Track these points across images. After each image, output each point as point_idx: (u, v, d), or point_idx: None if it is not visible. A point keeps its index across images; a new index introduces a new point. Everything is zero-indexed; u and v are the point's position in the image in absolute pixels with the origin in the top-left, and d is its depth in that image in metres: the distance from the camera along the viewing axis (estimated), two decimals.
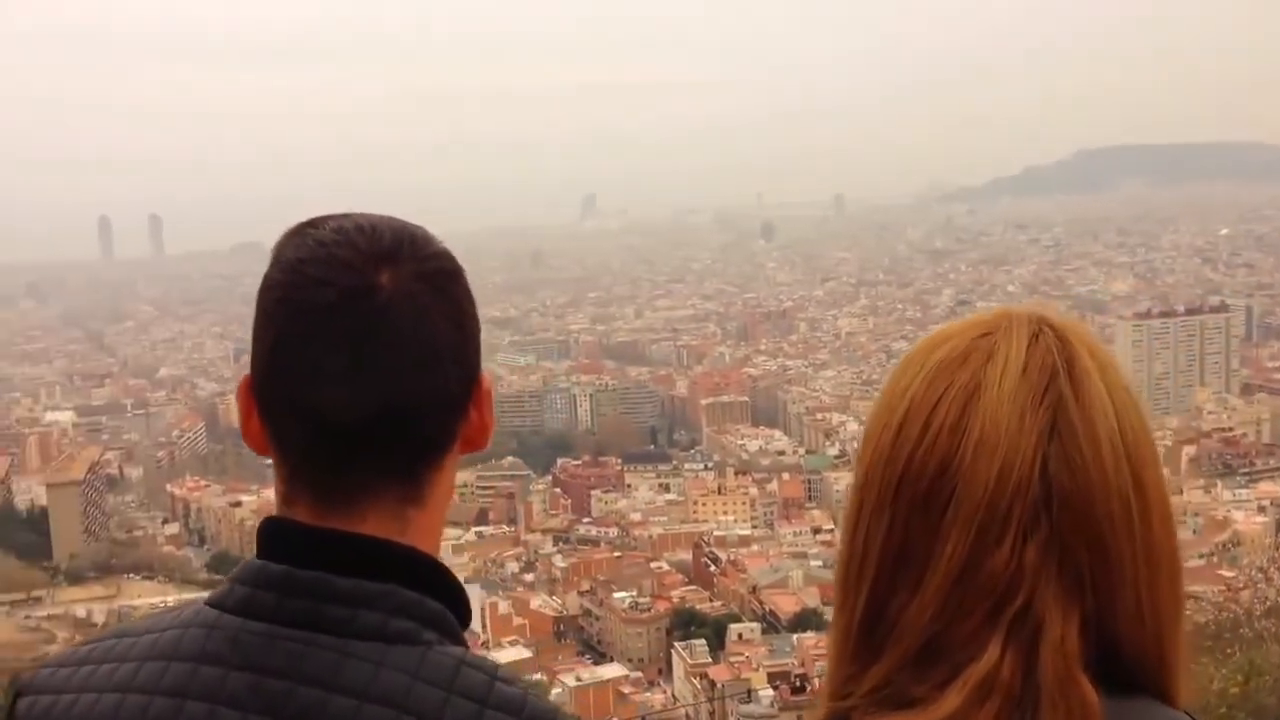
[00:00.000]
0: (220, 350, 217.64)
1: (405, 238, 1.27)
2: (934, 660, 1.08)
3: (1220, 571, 67.70)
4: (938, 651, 1.07)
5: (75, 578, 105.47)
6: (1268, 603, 15.49)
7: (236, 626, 1.20)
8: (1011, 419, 1.07)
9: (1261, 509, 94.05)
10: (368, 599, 1.19)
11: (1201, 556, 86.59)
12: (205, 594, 1.28)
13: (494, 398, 1.35)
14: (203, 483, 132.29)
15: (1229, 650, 14.00)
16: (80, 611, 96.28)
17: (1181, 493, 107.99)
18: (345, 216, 1.29)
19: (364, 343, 1.19)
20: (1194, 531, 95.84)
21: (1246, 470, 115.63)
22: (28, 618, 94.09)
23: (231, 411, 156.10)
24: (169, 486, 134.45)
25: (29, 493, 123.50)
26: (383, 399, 1.20)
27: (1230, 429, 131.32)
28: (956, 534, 1.07)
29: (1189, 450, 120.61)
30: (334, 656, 1.16)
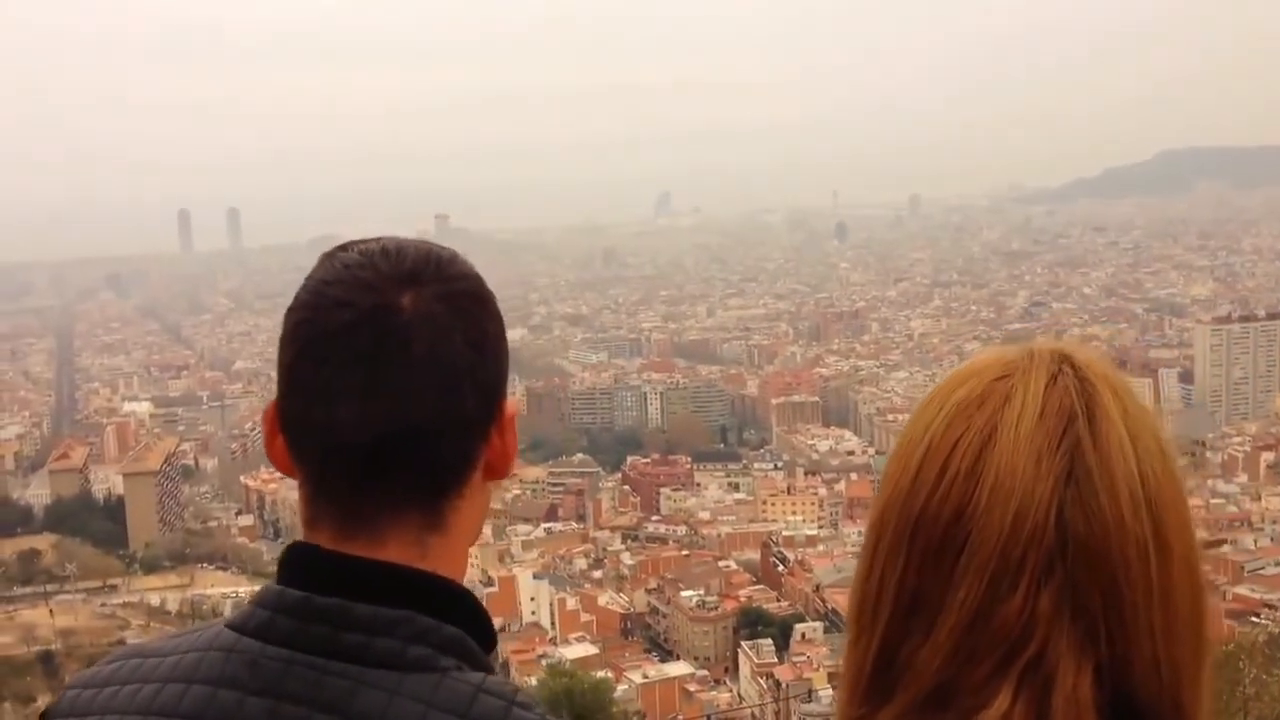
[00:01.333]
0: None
1: (430, 260, 1.27)
2: (944, 706, 1.07)
3: None
4: (948, 697, 1.07)
5: (150, 566, 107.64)
6: None
7: (255, 651, 1.21)
8: (1027, 464, 1.06)
9: None
10: (385, 626, 1.19)
11: (1278, 564, 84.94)
12: (226, 617, 1.29)
13: (517, 425, 1.34)
14: (277, 475, 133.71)
15: None
16: (155, 600, 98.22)
17: (1260, 499, 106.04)
18: (375, 240, 1.30)
19: (381, 363, 1.20)
20: (1271, 539, 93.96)
21: None
22: (104, 605, 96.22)
23: None
24: (243, 478, 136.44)
25: (106, 482, 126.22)
26: (397, 419, 1.21)
27: None
28: (970, 581, 1.06)
29: (1267, 456, 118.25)
30: (349, 684, 1.17)
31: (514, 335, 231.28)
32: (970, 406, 1.12)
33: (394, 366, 1.20)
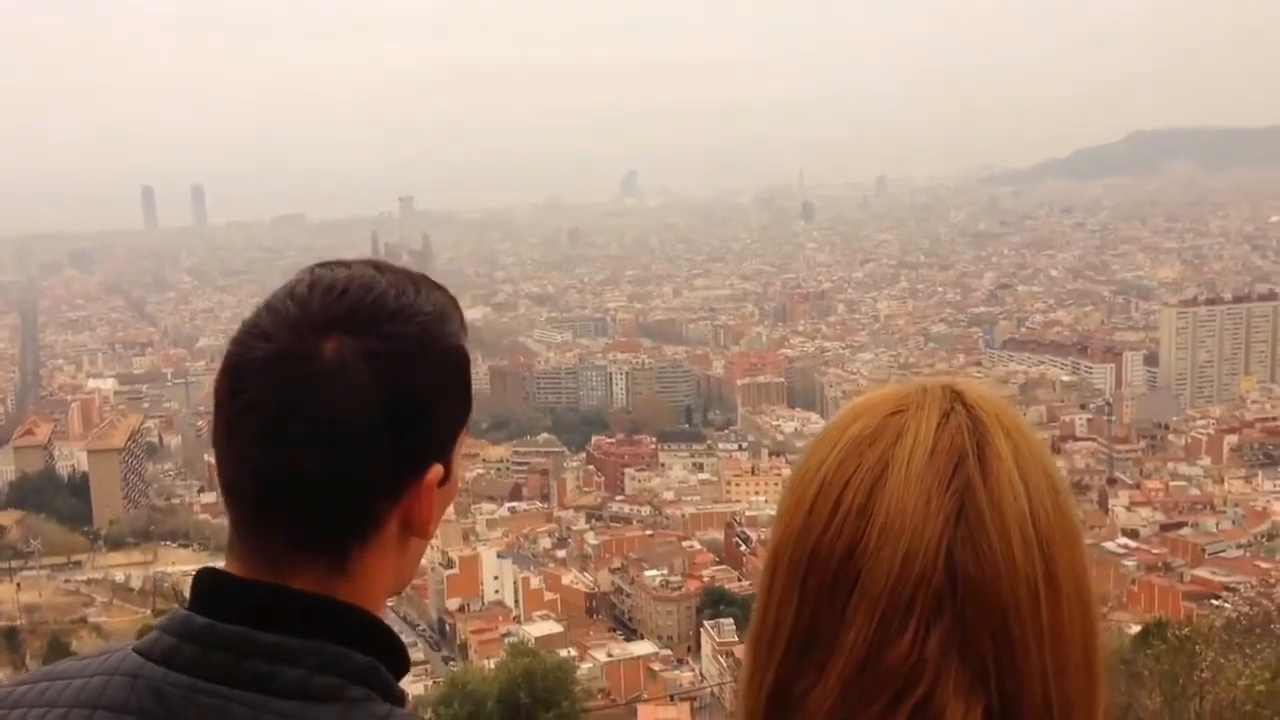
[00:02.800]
0: None
1: (370, 307, 1.22)
2: None
3: (1258, 562, 67.07)
4: None
5: (115, 543, 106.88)
6: None
7: (159, 677, 1.19)
8: (917, 503, 1.06)
9: None
10: (290, 655, 1.17)
11: (1240, 547, 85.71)
12: (133, 642, 1.27)
13: (451, 491, 1.31)
14: None
15: (1259, 646, 13.64)
16: (119, 576, 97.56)
17: (1223, 482, 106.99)
18: (347, 266, 1.28)
19: (285, 409, 1.17)
20: (1233, 522, 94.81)
21: None
22: (68, 581, 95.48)
23: None
24: (207, 456, 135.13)
25: (70, 459, 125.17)
26: (290, 470, 1.18)
27: (1274, 418, 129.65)
28: (860, 621, 1.05)
29: (1230, 439, 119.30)
30: (252, 713, 1.15)
31: (477, 314, 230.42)
32: (863, 443, 1.11)
33: (296, 417, 1.17)
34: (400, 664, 1.27)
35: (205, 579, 1.24)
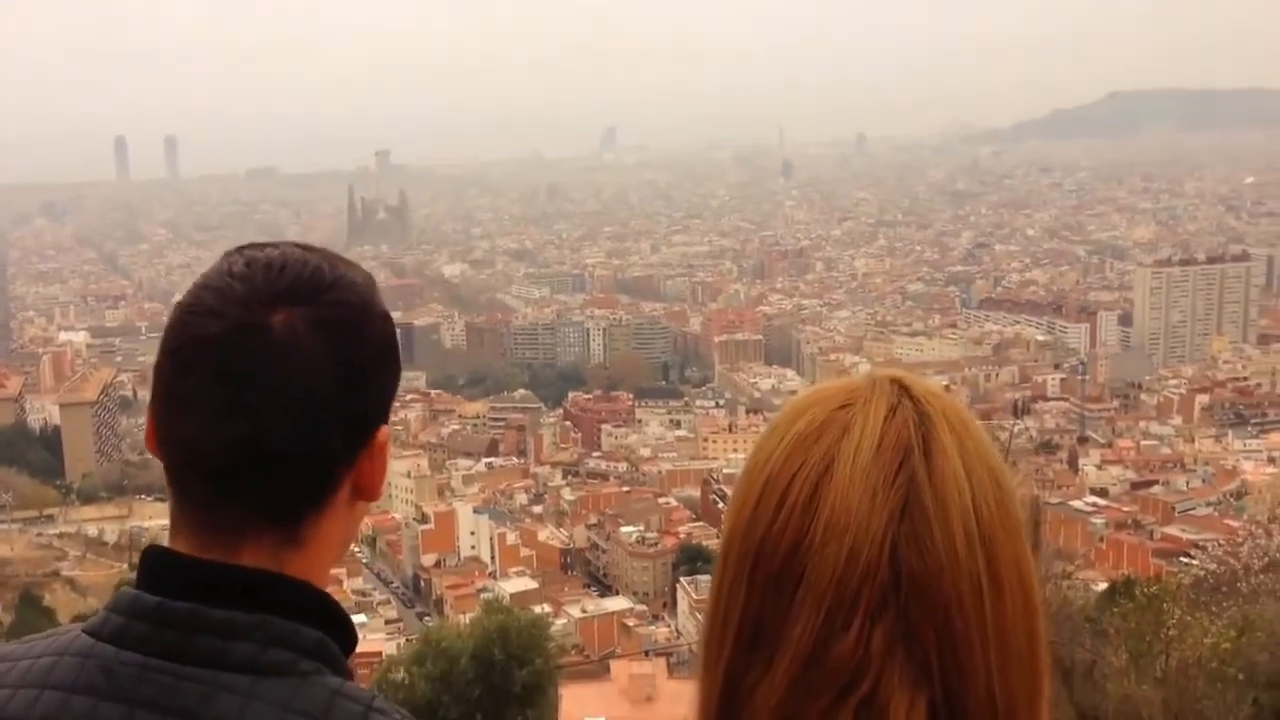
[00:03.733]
0: None
1: (312, 280, 1.25)
2: None
3: (1227, 521, 67.68)
4: None
5: (88, 497, 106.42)
6: (1266, 558, 15.15)
7: (110, 656, 1.20)
8: (862, 499, 1.06)
9: (1272, 460, 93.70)
10: (240, 631, 1.18)
11: (1209, 505, 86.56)
12: (82, 622, 1.28)
13: (388, 451, 1.32)
14: None
15: (1225, 604, 13.77)
16: (92, 530, 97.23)
17: (1193, 441, 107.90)
18: (269, 248, 1.29)
19: (240, 383, 1.19)
20: (1203, 480, 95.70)
21: (1259, 420, 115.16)
22: (40, 535, 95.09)
23: None
24: None
25: (42, 412, 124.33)
26: (250, 443, 1.19)
27: (1245, 379, 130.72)
28: (806, 616, 1.05)
29: (1202, 399, 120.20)
30: (204, 689, 1.16)
31: (455, 270, 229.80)
32: (809, 438, 1.11)
33: (252, 389, 1.19)
34: (348, 638, 1.28)
35: (153, 557, 1.25)
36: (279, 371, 1.20)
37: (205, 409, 1.19)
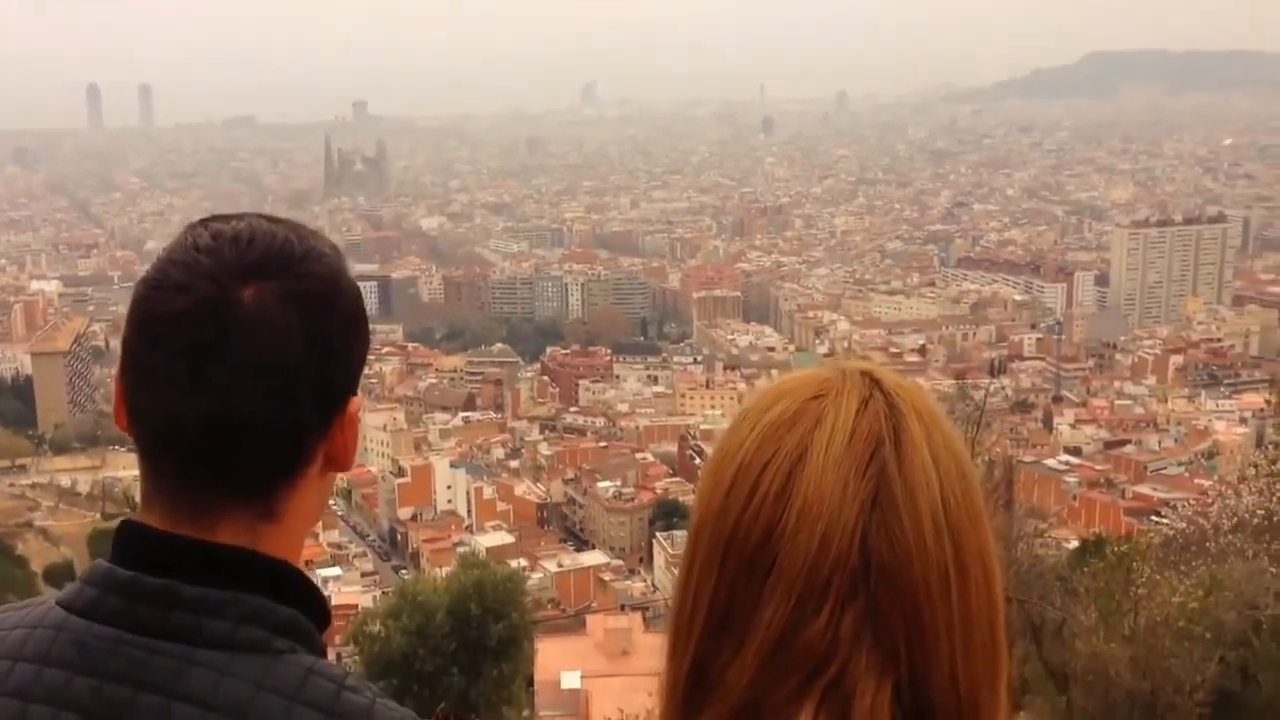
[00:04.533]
0: None
1: (281, 253, 1.24)
2: None
3: (1197, 480, 68.33)
4: (754, 714, 1.09)
5: (60, 447, 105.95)
6: (1235, 518, 15.28)
7: (83, 630, 1.20)
8: (835, 488, 1.08)
9: (1243, 420, 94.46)
10: (215, 607, 1.18)
11: (1180, 465, 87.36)
12: (55, 594, 1.27)
13: (359, 423, 1.32)
14: None
15: (1194, 564, 13.90)
16: (65, 481, 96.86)
17: (1166, 401, 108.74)
18: (235, 220, 1.27)
19: (208, 357, 1.18)
20: (1175, 440, 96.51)
21: (1231, 381, 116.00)
22: (12, 485, 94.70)
23: None
24: None
25: (14, 361, 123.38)
26: (221, 417, 1.19)
27: (1219, 340, 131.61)
28: (777, 601, 1.07)
29: (1176, 360, 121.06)
30: (177, 664, 1.16)
31: (433, 223, 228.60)
32: (782, 427, 1.13)
33: (223, 363, 1.19)
34: (322, 615, 1.28)
35: (127, 532, 1.25)
36: (249, 346, 1.19)
37: (173, 385, 1.19)
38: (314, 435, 1.25)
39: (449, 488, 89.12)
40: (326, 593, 1.26)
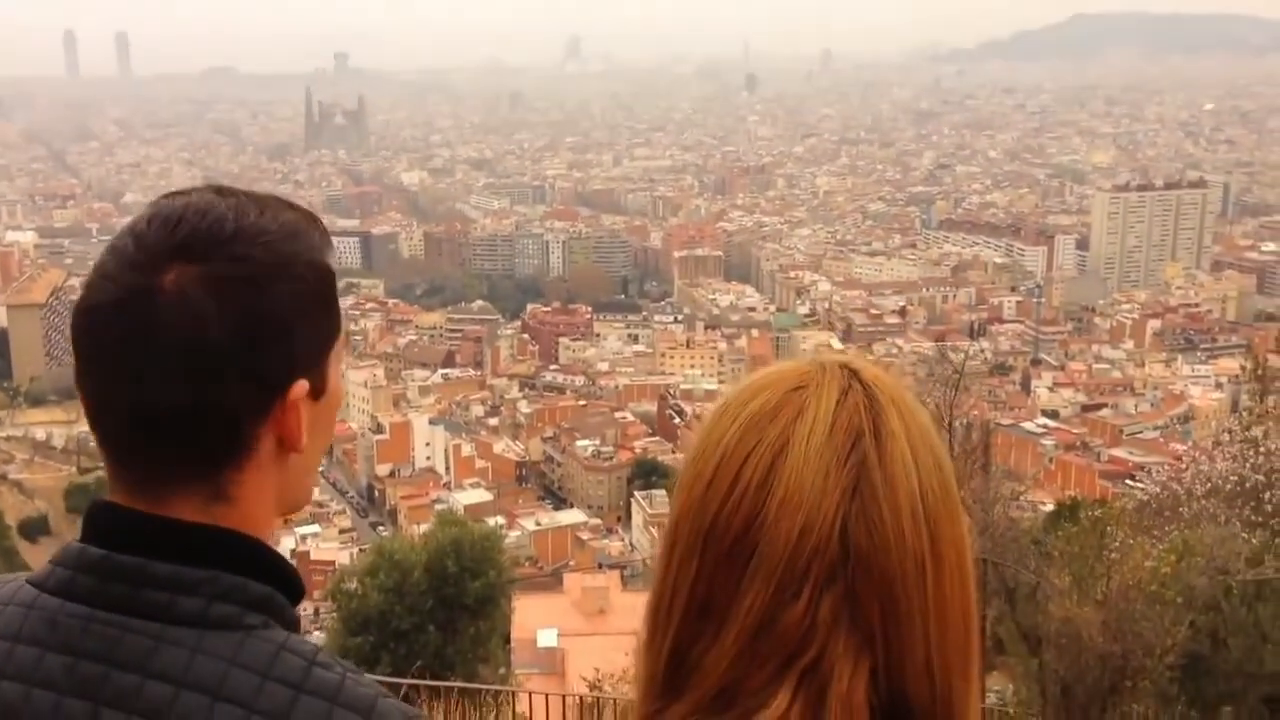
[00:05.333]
0: (188, 177, 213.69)
1: (207, 235, 1.20)
2: (728, 706, 1.12)
3: (1173, 444, 68.87)
4: (732, 698, 1.11)
5: (36, 400, 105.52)
6: (1209, 483, 15.37)
7: (55, 608, 1.20)
8: (816, 478, 1.10)
9: (1219, 385, 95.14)
10: (187, 585, 1.18)
11: (1156, 429, 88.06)
12: (26, 573, 1.28)
13: (332, 404, 1.31)
14: None
15: (1167, 528, 14.00)
16: (40, 434, 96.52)
17: (1143, 366, 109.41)
18: (186, 195, 1.26)
19: (132, 346, 1.17)
20: (1151, 404, 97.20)
21: (1208, 346, 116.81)
22: None
23: None
24: None
25: None
26: (145, 404, 1.18)
27: (1196, 305, 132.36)
28: (757, 588, 1.10)
29: (1154, 324, 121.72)
30: (149, 642, 1.16)
31: (413, 178, 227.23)
32: (764, 418, 1.14)
33: (144, 352, 1.17)
34: (294, 590, 1.28)
35: (98, 511, 1.25)
36: (169, 334, 1.17)
37: (101, 373, 1.20)
38: (250, 421, 1.23)
39: (428, 445, 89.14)
40: (305, 548, 1.32)
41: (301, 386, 1.25)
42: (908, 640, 1.11)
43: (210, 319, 1.17)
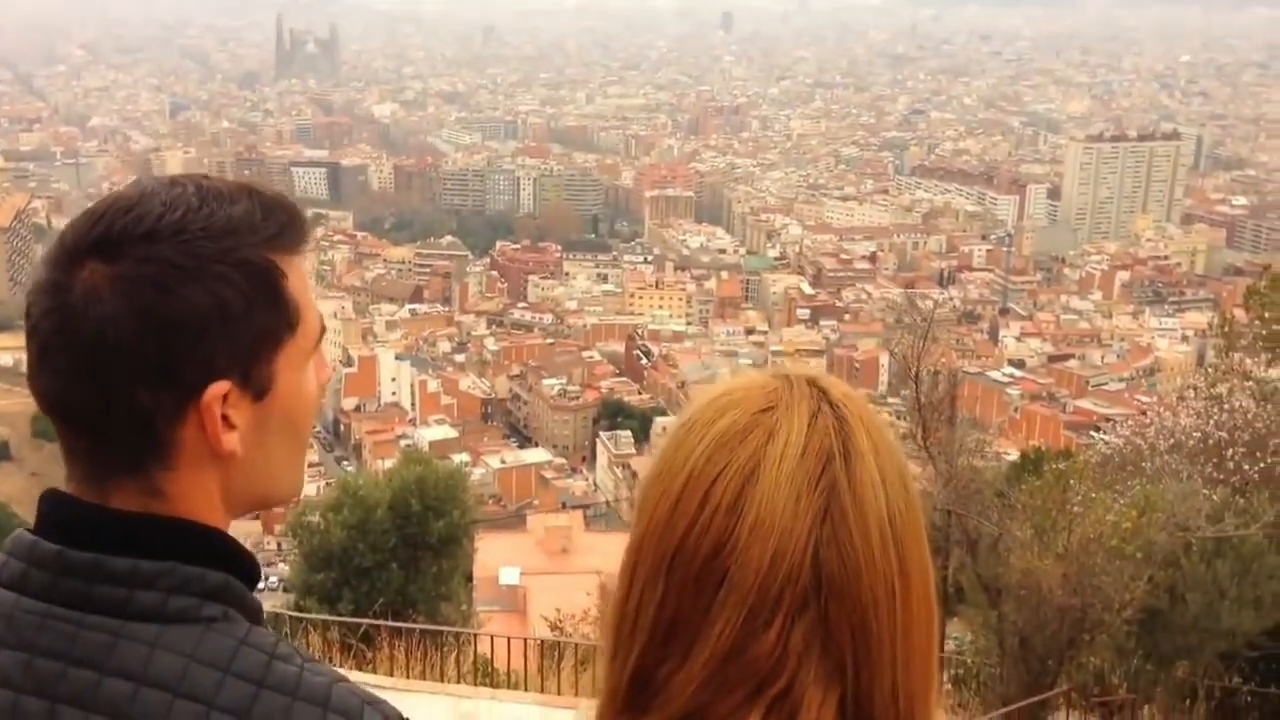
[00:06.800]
0: (156, 103, 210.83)
1: (121, 232, 1.15)
2: None
3: (1138, 396, 69.49)
4: None
5: (2, 325, 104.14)
6: (1172, 439, 15.43)
7: (10, 603, 1.17)
8: (787, 503, 1.08)
9: (1185, 339, 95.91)
10: (144, 579, 1.16)
11: (1121, 381, 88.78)
12: None
13: (279, 404, 1.22)
14: None
15: (1130, 483, 14.03)
16: (6, 360, 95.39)
17: (1111, 317, 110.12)
18: (136, 184, 1.22)
19: (49, 341, 1.15)
20: (1118, 356, 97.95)
21: (1176, 299, 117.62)
22: None
23: (166, 165, 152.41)
24: None
25: None
26: (58, 402, 1.17)
27: (1165, 258, 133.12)
28: (728, 614, 1.08)
29: (1123, 276, 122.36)
30: (107, 638, 1.14)
31: (385, 110, 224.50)
32: (733, 439, 1.11)
33: (64, 349, 1.15)
34: (251, 575, 1.25)
35: (50, 503, 1.22)
36: (78, 334, 1.13)
37: (32, 364, 1.18)
38: (164, 421, 1.17)
39: (393, 380, 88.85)
40: None
41: (218, 389, 1.18)
42: (877, 666, 1.10)
43: (114, 320, 1.13)
